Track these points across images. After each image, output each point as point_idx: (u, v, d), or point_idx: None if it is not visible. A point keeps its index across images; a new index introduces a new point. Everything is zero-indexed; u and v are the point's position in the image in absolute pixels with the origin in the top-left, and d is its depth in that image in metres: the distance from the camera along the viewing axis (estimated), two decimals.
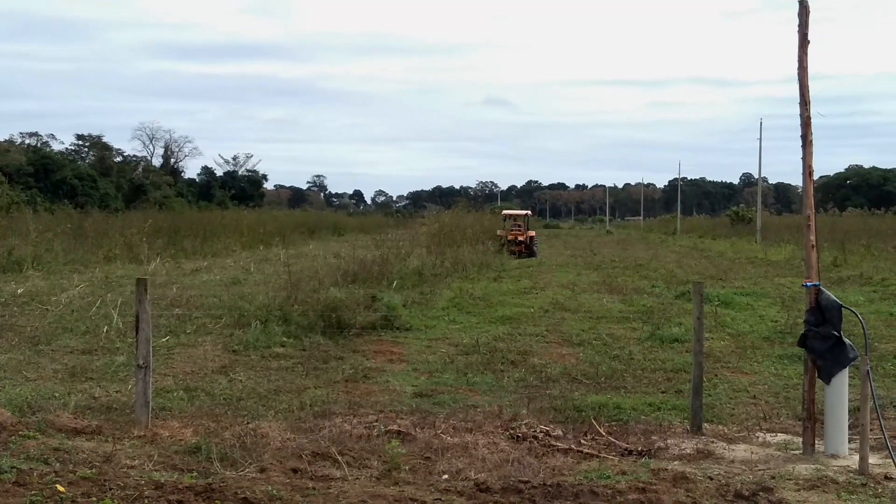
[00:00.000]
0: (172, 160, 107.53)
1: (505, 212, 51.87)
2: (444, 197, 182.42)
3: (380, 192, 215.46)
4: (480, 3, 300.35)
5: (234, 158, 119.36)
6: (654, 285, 25.02)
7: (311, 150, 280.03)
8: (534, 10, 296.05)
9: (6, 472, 6.87)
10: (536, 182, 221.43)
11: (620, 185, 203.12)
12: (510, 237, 41.96)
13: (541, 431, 8.92)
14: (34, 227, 31.11)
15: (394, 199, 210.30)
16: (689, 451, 8.46)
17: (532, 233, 44.21)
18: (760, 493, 6.94)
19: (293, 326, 15.19)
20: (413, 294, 20.77)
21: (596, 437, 8.94)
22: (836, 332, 8.24)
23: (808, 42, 8.56)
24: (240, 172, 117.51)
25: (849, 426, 8.42)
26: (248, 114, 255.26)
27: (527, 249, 41.32)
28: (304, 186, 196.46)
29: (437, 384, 11.78)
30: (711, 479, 7.34)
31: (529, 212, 52.49)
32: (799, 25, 8.57)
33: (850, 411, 8.45)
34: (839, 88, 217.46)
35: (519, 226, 44.64)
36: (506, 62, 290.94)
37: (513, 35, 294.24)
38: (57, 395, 10.45)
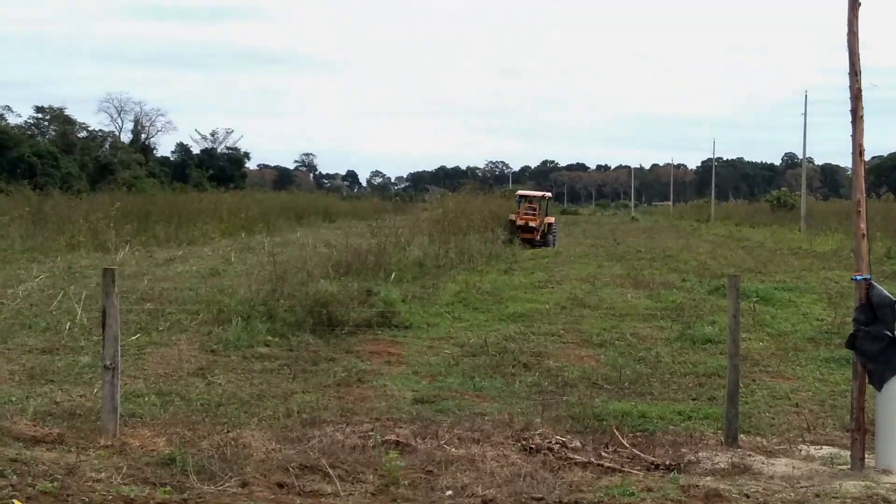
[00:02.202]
0: (143, 136, 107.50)
1: (520, 192, 50.11)
2: (448, 178, 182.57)
3: (376, 173, 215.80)
4: None
5: (213, 134, 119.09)
6: (685, 279, 25.02)
7: (300, 124, 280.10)
8: None
9: None
10: (553, 162, 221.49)
11: (647, 166, 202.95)
12: (520, 222, 40.94)
13: (556, 443, 8.94)
14: None
15: (392, 180, 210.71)
16: (722, 466, 8.47)
17: (551, 219, 43.19)
18: None
19: (279, 324, 15.21)
20: (413, 288, 20.77)
21: (618, 450, 8.95)
22: (889, 333, 8.23)
23: (860, 4, 8.53)
24: (219, 150, 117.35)
25: None
26: (230, 84, 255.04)
27: (542, 238, 40.46)
28: (292, 166, 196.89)
29: (441, 389, 11.80)
30: (748, 496, 7.35)
31: (549, 194, 50.78)
32: None
33: None
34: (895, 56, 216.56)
35: (534, 209, 43.40)
36: (521, 28, 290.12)
37: None
38: (14, 399, 10.46)
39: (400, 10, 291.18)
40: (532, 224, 41.02)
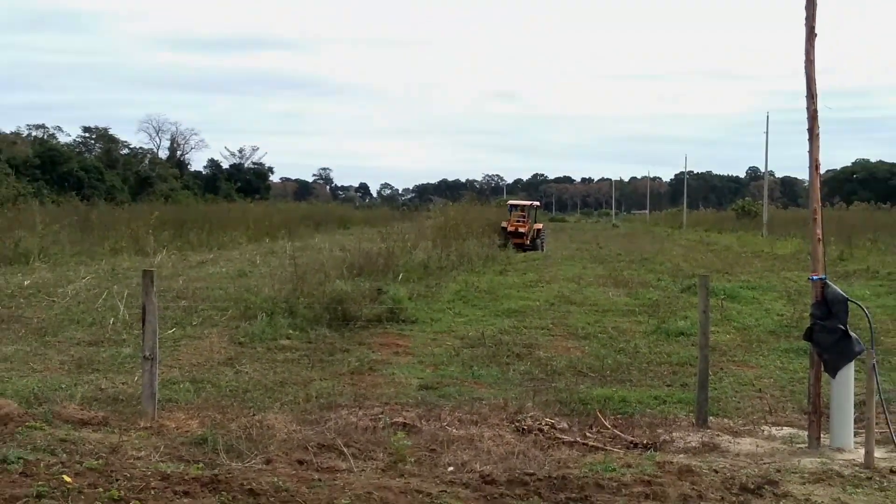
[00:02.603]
0: (178, 153, 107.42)
1: (511, 202, 49.06)
2: (450, 190, 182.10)
3: (385, 185, 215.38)
4: None
5: (240, 151, 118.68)
6: (660, 279, 25.01)
7: (317, 142, 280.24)
8: (542, 6, 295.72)
9: (13, 462, 6.89)
10: (542, 175, 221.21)
11: (626, 179, 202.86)
12: (511, 228, 40.28)
13: (546, 424, 8.93)
14: (40, 219, 31.24)
15: (399, 192, 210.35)
16: (694, 445, 8.46)
17: (539, 225, 42.57)
18: (766, 487, 6.94)
19: (299, 319, 15.21)
20: (419, 287, 20.77)
21: (601, 430, 8.95)
22: (842, 326, 8.23)
23: (816, 35, 8.54)
24: (246, 165, 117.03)
25: (854, 420, 8.41)
26: (256, 106, 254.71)
27: (531, 242, 39.80)
28: (310, 179, 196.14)
29: (443, 377, 11.78)
30: (716, 472, 7.34)
31: (538, 203, 49.59)
32: (806, 18, 8.54)
33: (855, 405, 8.44)
34: (849, 82, 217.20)
35: (523, 216, 42.59)
36: (515, 55, 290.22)
37: (521, 28, 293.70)
38: (63, 386, 10.47)
39: (406, 40, 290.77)
40: (521, 230, 40.42)
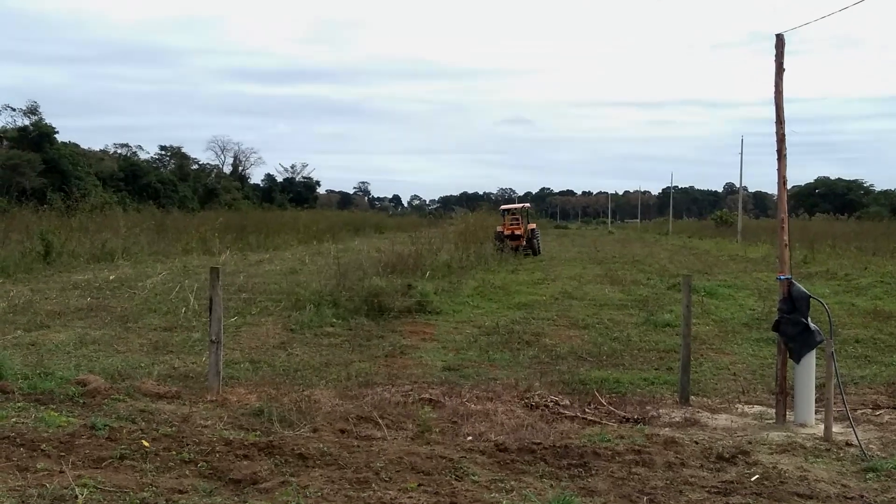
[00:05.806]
0: (240, 168, 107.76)
1: (503, 207, 43.23)
2: (469, 201, 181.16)
3: (415, 197, 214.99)
4: (504, 34, 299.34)
5: (293, 167, 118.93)
6: (649, 278, 24.88)
7: (357, 160, 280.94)
8: (550, 41, 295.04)
9: (100, 429, 6.96)
10: (549, 189, 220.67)
11: (621, 192, 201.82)
12: (507, 232, 35.86)
13: (551, 401, 8.93)
14: (124, 223, 31.53)
15: (427, 202, 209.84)
16: (678, 420, 8.43)
17: (532, 225, 38.61)
18: (739, 456, 6.91)
19: (341, 309, 15.26)
20: (443, 283, 20.75)
21: (598, 407, 8.93)
22: (804, 319, 8.19)
23: (784, 70, 8.50)
24: (297, 179, 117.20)
25: (815, 400, 8.37)
26: (305, 129, 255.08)
27: (527, 242, 36.29)
28: (351, 191, 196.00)
29: (463, 360, 11.78)
30: (697, 443, 7.31)
31: (528, 204, 44.42)
32: (776, 56, 8.51)
33: (816, 387, 8.39)
34: (811, 110, 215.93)
35: (517, 219, 37.89)
36: (526, 85, 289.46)
37: (531, 62, 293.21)
38: (143, 365, 10.56)
39: (434, 72, 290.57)
40: (517, 232, 36.76)
